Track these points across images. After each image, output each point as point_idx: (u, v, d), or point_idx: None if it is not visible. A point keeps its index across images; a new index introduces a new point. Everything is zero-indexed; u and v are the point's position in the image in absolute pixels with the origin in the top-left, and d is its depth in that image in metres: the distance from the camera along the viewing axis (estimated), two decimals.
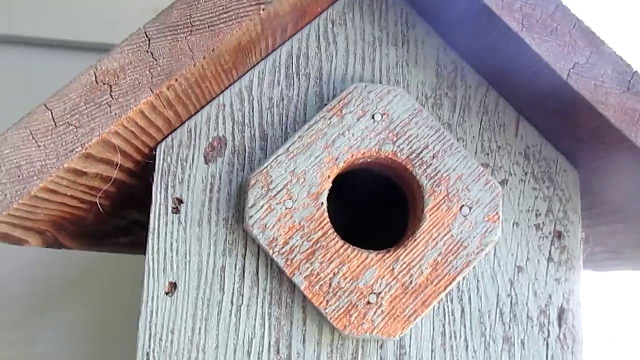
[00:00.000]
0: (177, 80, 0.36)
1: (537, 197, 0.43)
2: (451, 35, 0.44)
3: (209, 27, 0.36)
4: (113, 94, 0.36)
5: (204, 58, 0.36)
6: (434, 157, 0.41)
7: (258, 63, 0.43)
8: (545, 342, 0.41)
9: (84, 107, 0.35)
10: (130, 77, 0.36)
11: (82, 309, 0.82)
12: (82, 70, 0.36)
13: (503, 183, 0.43)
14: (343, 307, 0.38)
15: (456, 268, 0.39)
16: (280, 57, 0.44)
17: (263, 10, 0.37)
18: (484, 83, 0.44)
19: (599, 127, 0.38)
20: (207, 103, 0.43)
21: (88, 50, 0.78)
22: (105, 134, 0.35)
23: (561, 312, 0.41)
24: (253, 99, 0.43)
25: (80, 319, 0.82)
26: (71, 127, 0.35)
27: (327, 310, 0.38)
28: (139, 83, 0.36)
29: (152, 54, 0.36)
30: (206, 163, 0.42)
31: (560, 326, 0.41)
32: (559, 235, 0.42)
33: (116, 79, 0.36)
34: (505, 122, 0.44)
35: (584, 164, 0.42)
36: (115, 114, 0.35)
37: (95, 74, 0.36)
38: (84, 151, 0.35)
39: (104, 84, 0.36)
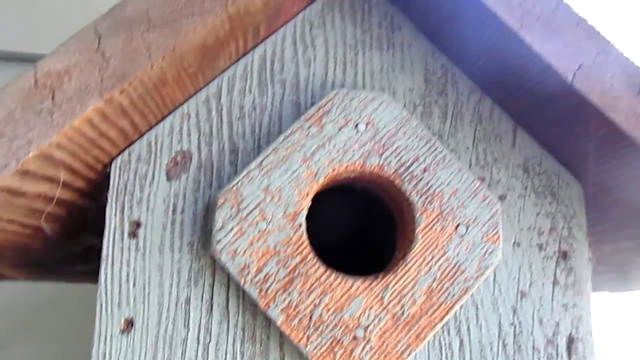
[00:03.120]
0: (131, 84, 0.31)
1: (538, 213, 0.39)
2: (440, 38, 0.40)
3: (168, 23, 0.32)
4: (55, 100, 0.31)
5: (163, 58, 0.32)
6: (424, 171, 0.36)
7: (227, 68, 0.39)
8: None
9: (20, 115, 0.30)
10: (76, 79, 0.31)
11: (44, 342, 0.75)
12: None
13: (501, 198, 0.39)
14: (326, 343, 0.33)
15: (453, 295, 0.35)
16: (252, 62, 0.39)
17: (231, 5, 0.32)
18: (476, 89, 0.40)
19: (608, 135, 0.34)
20: (169, 112, 0.38)
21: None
22: (46, 146, 0.30)
23: (570, 342, 0.37)
24: (222, 108, 0.38)
25: (43, 353, 0.75)
26: (4, 139, 0.30)
27: (307, 348, 0.33)
28: (86, 87, 0.31)
29: (102, 53, 0.31)
30: (168, 180, 0.37)
31: (569, 357, 0.37)
32: (564, 255, 0.38)
33: (59, 82, 0.31)
34: (501, 132, 0.40)
35: (589, 177, 0.39)
36: (58, 123, 0.30)
37: (34, 76, 0.31)
38: (18, 167, 0.30)
39: (45, 88, 0.31)
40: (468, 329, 0.37)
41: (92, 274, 0.53)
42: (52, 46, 0.32)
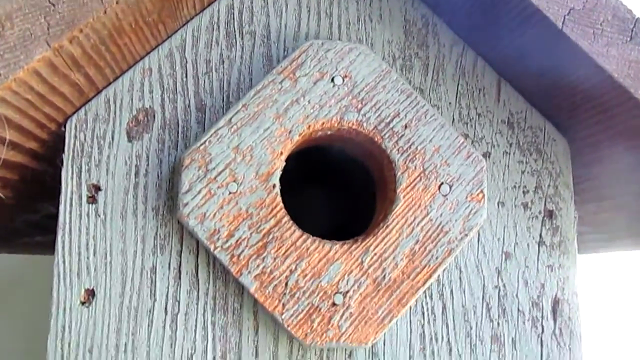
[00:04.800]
0: (82, 31, 0.28)
1: (523, 171, 0.37)
2: None
3: None
4: None
5: (117, 2, 0.28)
6: (406, 127, 0.34)
7: (191, 18, 0.36)
8: (539, 339, 0.35)
9: None
10: (19, 26, 0.28)
11: (10, 319, 0.72)
12: None
13: (485, 156, 0.37)
14: (303, 310, 0.31)
15: (436, 258, 0.33)
16: (218, 11, 0.36)
17: None
18: (459, 41, 0.38)
19: (598, 85, 0.32)
20: (129, 67, 0.35)
21: None
22: None
23: (555, 303, 0.36)
24: (186, 62, 0.35)
25: (8, 329, 0.72)
26: None
27: (283, 316, 0.31)
28: (31, 34, 0.28)
29: None
30: (129, 140, 0.34)
31: (555, 320, 0.35)
32: (550, 214, 0.37)
33: (0, 29, 0.27)
34: (484, 86, 0.38)
35: (576, 132, 0.37)
36: (0, 74, 0.27)
37: None
38: None
39: None
40: (451, 292, 0.35)
41: (52, 245, 0.50)
42: None
